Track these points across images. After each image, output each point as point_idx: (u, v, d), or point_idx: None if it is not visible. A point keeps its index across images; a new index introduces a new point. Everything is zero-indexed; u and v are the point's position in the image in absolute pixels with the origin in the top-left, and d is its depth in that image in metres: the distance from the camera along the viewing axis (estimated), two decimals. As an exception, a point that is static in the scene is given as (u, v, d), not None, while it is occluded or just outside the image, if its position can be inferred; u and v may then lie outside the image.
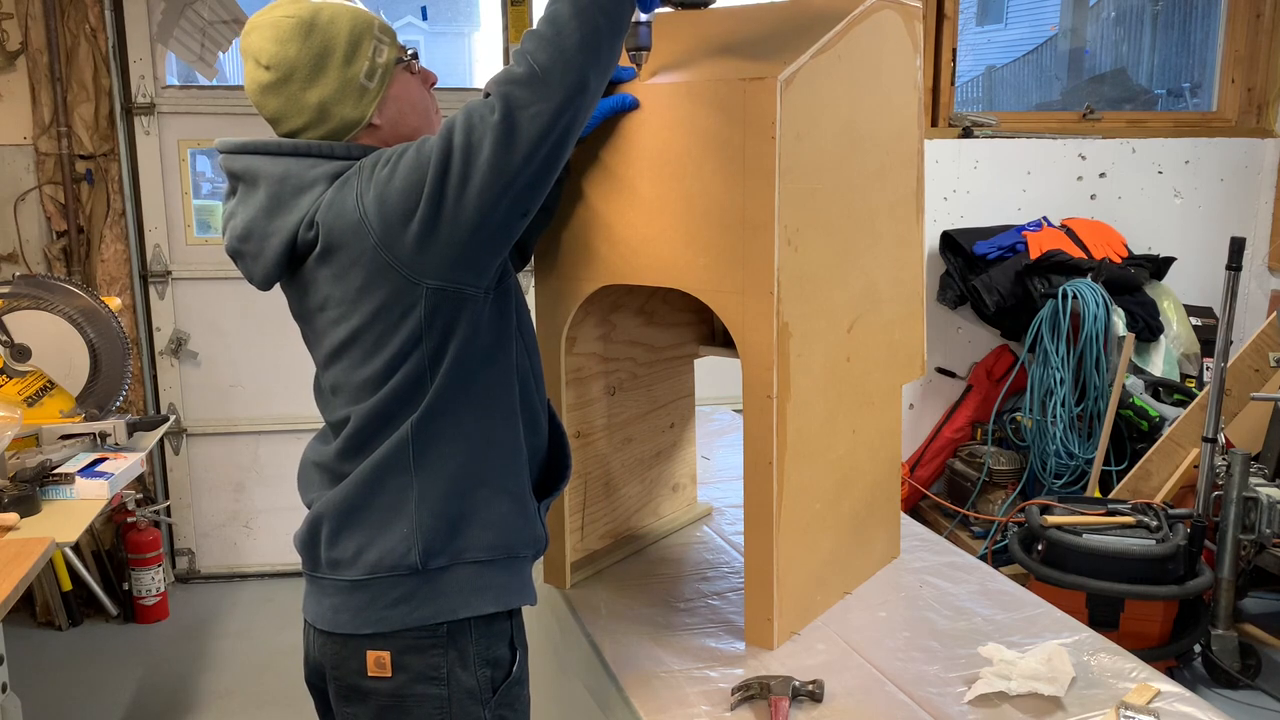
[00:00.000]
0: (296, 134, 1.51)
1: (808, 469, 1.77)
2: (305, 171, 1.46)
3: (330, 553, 1.53)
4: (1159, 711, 1.52)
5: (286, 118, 1.50)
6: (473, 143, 1.37)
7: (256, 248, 1.49)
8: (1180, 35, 5.30)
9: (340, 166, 1.46)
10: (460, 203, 1.38)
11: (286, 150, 1.48)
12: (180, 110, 3.99)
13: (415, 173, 1.39)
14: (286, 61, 1.47)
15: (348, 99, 1.49)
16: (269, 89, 1.48)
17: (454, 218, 1.39)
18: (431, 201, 1.38)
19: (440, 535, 1.49)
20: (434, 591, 1.49)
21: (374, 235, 1.40)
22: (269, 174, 1.47)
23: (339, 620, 1.52)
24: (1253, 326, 4.13)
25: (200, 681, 3.50)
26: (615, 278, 1.80)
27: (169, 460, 4.18)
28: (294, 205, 1.45)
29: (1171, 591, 3.18)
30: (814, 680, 1.58)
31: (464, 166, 1.37)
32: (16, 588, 1.98)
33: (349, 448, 1.51)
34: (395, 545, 1.48)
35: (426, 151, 1.39)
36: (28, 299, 2.87)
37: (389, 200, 1.39)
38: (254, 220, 1.48)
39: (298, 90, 1.48)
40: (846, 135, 1.77)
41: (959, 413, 4.44)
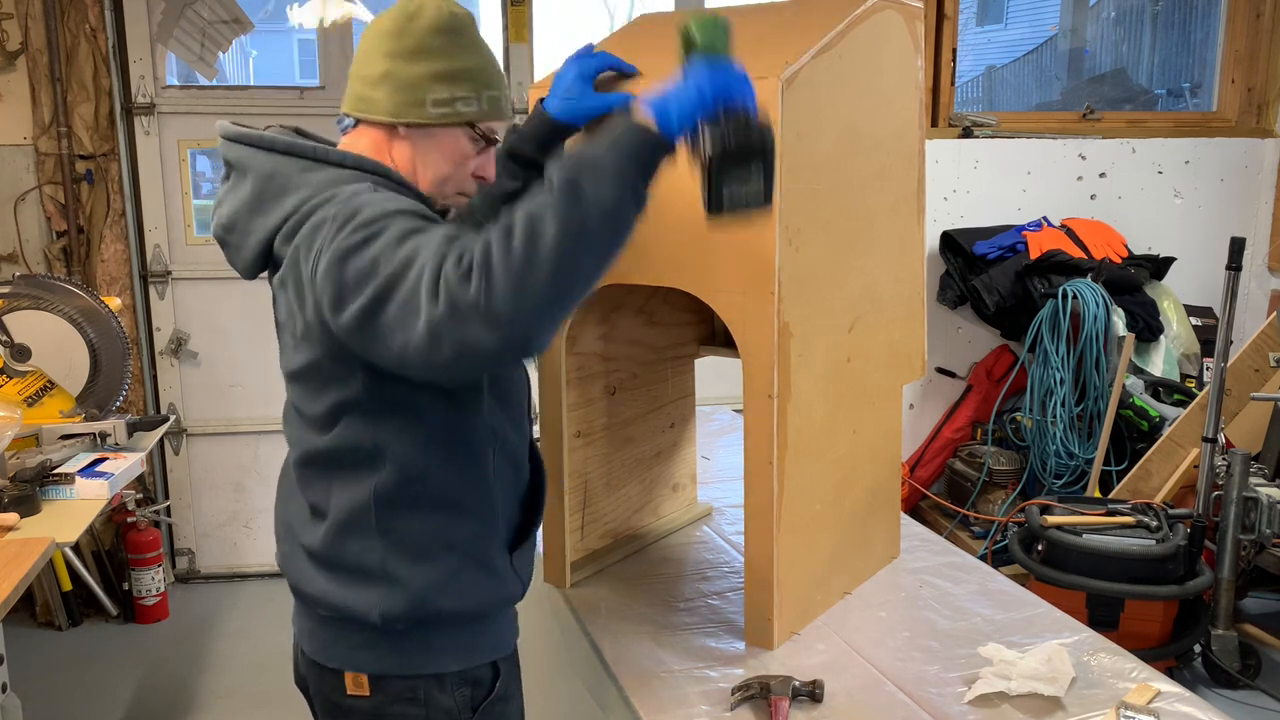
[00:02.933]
0: (351, 78, 1.45)
1: (808, 469, 1.77)
2: (293, 173, 1.39)
3: (300, 585, 1.50)
4: (1159, 711, 1.52)
5: (353, 76, 1.45)
6: (412, 305, 1.17)
7: (238, 240, 1.43)
8: (1180, 35, 5.30)
9: (332, 176, 1.38)
10: (383, 343, 1.22)
11: (279, 147, 1.42)
12: (180, 110, 3.99)
13: (367, 271, 1.22)
14: (412, 24, 1.40)
15: (402, 92, 1.41)
16: (372, 37, 1.43)
17: (378, 348, 1.24)
18: (363, 316, 1.22)
19: (403, 603, 1.42)
20: (397, 648, 1.45)
21: (315, 299, 1.29)
22: (258, 169, 1.42)
23: (313, 646, 1.52)
24: (1253, 326, 4.13)
25: (200, 681, 3.50)
26: (615, 277, 1.80)
27: (169, 460, 4.18)
28: (274, 207, 1.38)
29: (1171, 591, 3.18)
30: (814, 680, 1.58)
31: (397, 319, 1.19)
32: (16, 588, 1.98)
33: (307, 476, 1.48)
34: (356, 603, 1.43)
35: (387, 257, 1.21)
36: (28, 299, 2.87)
37: (335, 279, 1.24)
38: (238, 213, 1.43)
39: (385, 56, 1.41)
40: (847, 135, 1.77)
41: (959, 413, 4.44)
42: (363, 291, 1.22)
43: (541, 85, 1.82)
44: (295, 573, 1.51)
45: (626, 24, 2.08)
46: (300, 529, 1.50)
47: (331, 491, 1.44)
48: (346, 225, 1.26)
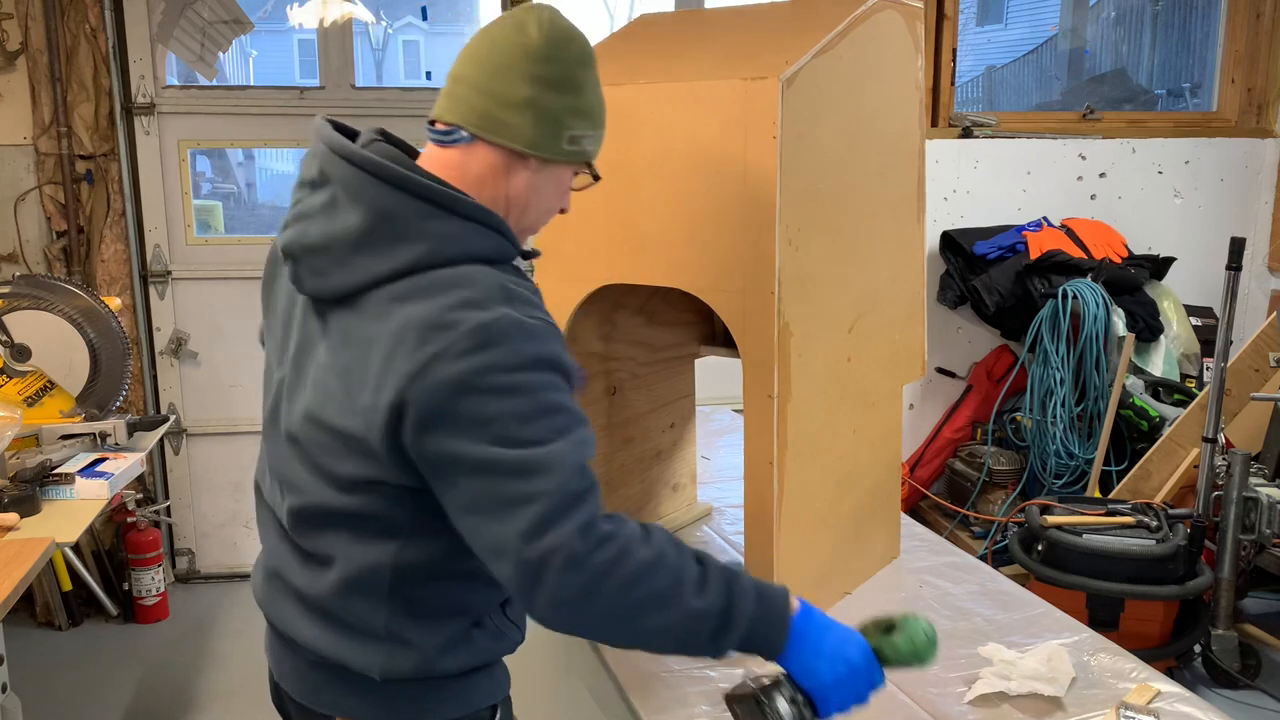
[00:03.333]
0: (463, 82, 1.32)
1: (808, 469, 1.77)
2: (412, 218, 1.26)
3: (288, 629, 1.42)
4: (1159, 711, 1.52)
5: (483, 65, 1.30)
6: (518, 529, 1.19)
7: (326, 267, 1.29)
8: (1180, 35, 5.30)
9: (454, 229, 1.27)
10: (470, 522, 1.23)
11: (401, 184, 1.26)
12: (180, 110, 3.98)
13: (485, 473, 1.20)
14: (556, 51, 1.30)
15: (545, 125, 1.31)
16: (514, 53, 1.29)
17: (456, 513, 1.25)
18: (470, 501, 1.22)
19: (408, 664, 1.36)
20: (395, 700, 1.39)
21: (390, 421, 1.22)
22: (371, 203, 1.27)
23: (300, 689, 1.45)
24: (1253, 326, 4.13)
25: (200, 681, 3.50)
26: (616, 277, 1.80)
27: (169, 460, 4.18)
28: (386, 251, 1.26)
29: (1171, 591, 3.17)
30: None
31: (494, 522, 1.20)
32: (16, 588, 1.98)
33: (309, 526, 1.37)
34: (355, 659, 1.36)
35: (503, 464, 1.19)
36: (28, 299, 2.87)
37: (446, 445, 1.20)
38: (335, 242, 1.28)
39: (531, 81, 1.29)
40: (848, 135, 1.77)
41: (959, 413, 4.44)
42: (478, 488, 1.21)
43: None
44: (282, 616, 1.43)
45: (626, 24, 2.08)
46: (290, 571, 1.41)
47: (340, 546, 1.35)
48: (480, 382, 1.20)
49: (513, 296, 1.27)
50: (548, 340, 1.26)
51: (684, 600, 1.23)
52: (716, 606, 1.25)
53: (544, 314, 1.30)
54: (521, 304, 1.27)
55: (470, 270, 1.27)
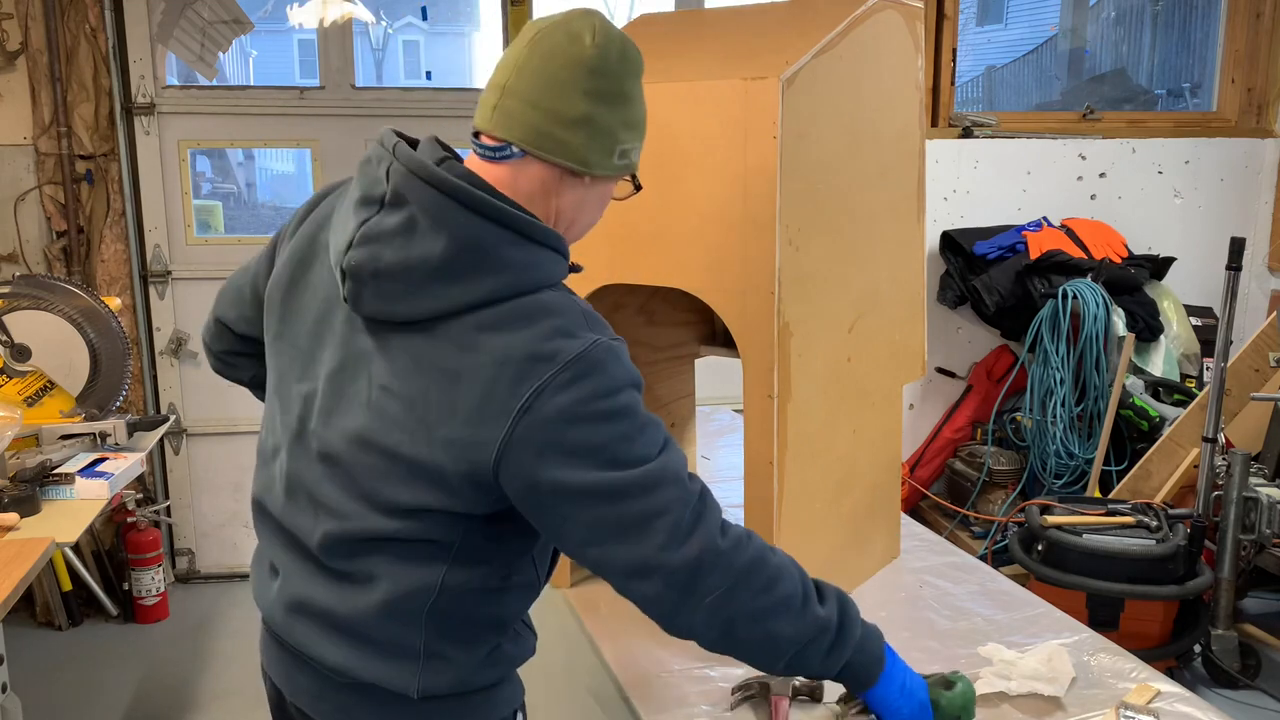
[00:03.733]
0: (513, 96, 1.25)
1: (808, 469, 1.77)
2: (495, 247, 1.22)
3: (309, 649, 1.37)
4: (1159, 711, 1.52)
5: (535, 78, 1.24)
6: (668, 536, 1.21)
7: (399, 293, 1.23)
8: (1180, 35, 5.30)
9: (532, 257, 1.24)
10: (593, 554, 1.24)
11: (486, 210, 1.22)
12: (180, 110, 3.99)
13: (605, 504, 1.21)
14: (612, 66, 1.26)
15: (599, 140, 1.27)
16: (569, 67, 1.23)
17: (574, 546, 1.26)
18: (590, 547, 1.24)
19: (446, 681, 1.34)
20: (428, 714, 1.37)
21: (491, 457, 1.20)
22: (454, 230, 1.21)
23: (320, 709, 1.40)
24: (1253, 326, 4.14)
25: (200, 681, 3.50)
26: (616, 277, 1.80)
27: (169, 460, 4.18)
28: (470, 280, 1.21)
29: (1171, 591, 3.18)
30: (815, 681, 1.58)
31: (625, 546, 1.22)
32: (16, 588, 1.97)
33: (344, 549, 1.31)
34: (389, 678, 1.33)
35: (622, 486, 1.20)
36: (28, 299, 2.87)
37: (561, 489, 1.20)
38: (413, 269, 1.22)
39: (586, 96, 1.25)
40: (848, 135, 1.77)
41: (959, 413, 4.44)
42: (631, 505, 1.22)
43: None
44: (304, 638, 1.37)
45: (626, 24, 2.08)
46: (317, 593, 1.35)
47: (384, 568, 1.30)
48: (580, 419, 1.20)
49: (591, 320, 1.27)
50: (627, 360, 1.27)
51: (810, 609, 1.30)
52: (835, 620, 1.32)
53: (612, 331, 1.30)
54: (600, 326, 1.28)
55: (551, 297, 1.26)
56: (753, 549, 1.27)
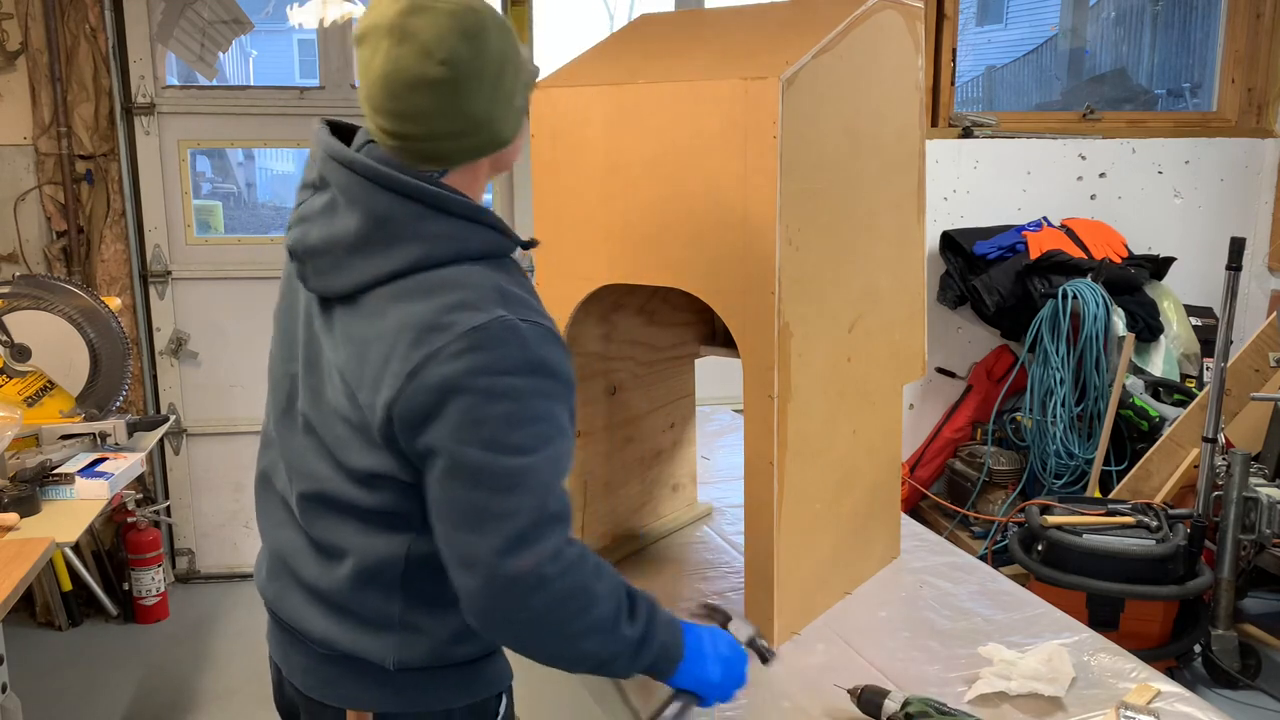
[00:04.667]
0: (422, 139, 1.27)
1: (808, 469, 1.77)
2: (408, 220, 1.27)
3: (299, 623, 1.43)
4: (1159, 711, 1.52)
5: (426, 120, 1.26)
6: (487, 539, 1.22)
7: (328, 268, 1.32)
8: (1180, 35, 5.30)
9: (448, 229, 1.28)
10: (447, 521, 1.26)
11: (394, 186, 1.27)
12: (180, 110, 3.98)
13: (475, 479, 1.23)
14: (467, 62, 1.23)
15: (506, 117, 1.30)
16: (432, 87, 1.23)
17: (434, 507, 1.29)
18: (458, 503, 1.25)
19: (421, 652, 1.38)
20: (407, 688, 1.41)
21: (386, 420, 1.26)
22: (367, 207, 1.28)
23: (310, 682, 1.45)
24: (1253, 326, 4.13)
25: (200, 681, 3.50)
26: (616, 277, 1.80)
27: (169, 460, 4.18)
28: (382, 253, 1.28)
29: (1171, 591, 3.17)
30: (768, 645, 1.60)
31: (470, 532, 1.23)
32: (16, 588, 1.98)
33: (320, 514, 1.38)
34: (369, 649, 1.38)
35: (489, 471, 1.22)
36: (28, 299, 2.87)
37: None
38: (336, 244, 1.30)
39: (466, 98, 1.25)
40: (848, 135, 1.77)
41: (959, 413, 4.44)
42: (472, 492, 1.23)
43: (542, 85, 1.82)
44: (291, 610, 1.43)
45: (627, 24, 2.08)
46: (301, 564, 1.42)
47: (353, 539, 1.35)
48: (478, 387, 1.23)
49: (509, 298, 1.28)
50: (542, 344, 1.27)
51: (619, 629, 1.30)
52: (639, 634, 1.33)
53: (541, 316, 1.31)
54: (518, 305, 1.28)
55: (466, 270, 1.29)
56: (580, 575, 1.27)
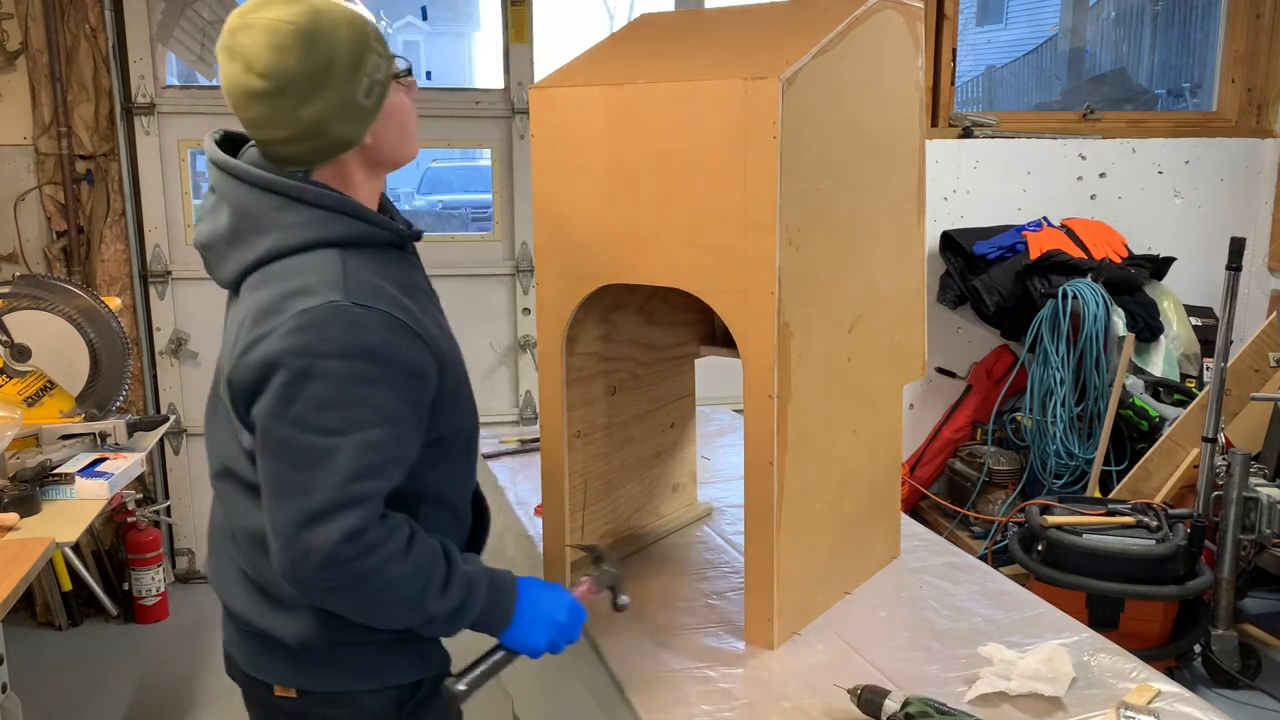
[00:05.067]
0: (273, 144, 1.39)
1: (808, 469, 1.77)
2: (266, 211, 1.38)
3: (226, 599, 1.53)
4: (1159, 711, 1.52)
5: (268, 127, 1.38)
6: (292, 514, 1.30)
7: (215, 261, 1.46)
8: (1180, 35, 5.30)
9: (305, 218, 1.38)
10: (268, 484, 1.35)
11: (255, 181, 1.39)
12: (180, 110, 3.98)
13: (284, 446, 1.31)
14: (285, 73, 1.33)
15: (345, 119, 1.38)
16: (257, 98, 1.35)
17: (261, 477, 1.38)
18: (272, 475, 1.34)
19: (315, 630, 1.44)
20: (316, 667, 1.48)
21: (230, 397, 1.39)
22: (234, 202, 1.41)
23: (241, 656, 1.55)
24: (1253, 326, 4.13)
25: (200, 681, 3.50)
26: (616, 277, 1.80)
27: (169, 460, 4.18)
28: (249, 243, 1.39)
29: (1171, 591, 3.18)
30: (624, 597, 1.70)
31: (277, 502, 1.32)
32: (16, 588, 1.98)
33: (225, 490, 1.50)
34: (275, 626, 1.46)
35: (292, 446, 1.30)
36: (28, 299, 2.87)
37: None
38: (215, 239, 1.44)
39: (290, 105, 1.34)
40: (848, 135, 1.77)
41: (959, 413, 4.44)
42: (281, 462, 1.32)
43: (542, 85, 1.82)
44: (223, 586, 1.53)
45: (627, 24, 2.08)
46: (224, 542, 1.53)
47: (252, 514, 1.42)
48: (296, 368, 1.30)
49: (354, 285, 1.33)
50: (377, 331, 1.32)
51: (425, 604, 1.38)
52: (452, 606, 1.41)
53: (391, 305, 1.35)
54: (363, 292, 1.33)
55: (314, 257, 1.36)
56: (378, 559, 1.31)
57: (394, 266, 1.43)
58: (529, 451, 2.75)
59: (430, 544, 1.40)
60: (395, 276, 1.41)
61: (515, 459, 2.75)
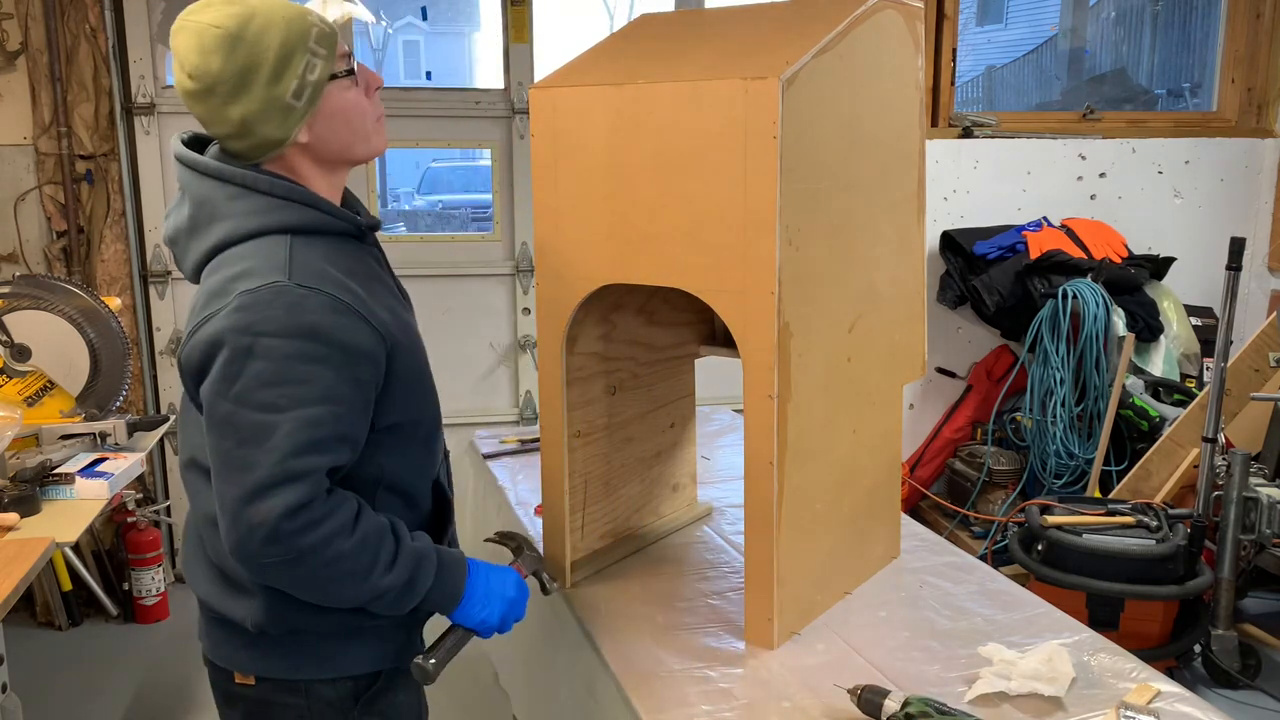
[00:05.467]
0: (220, 139, 1.47)
1: (808, 469, 1.77)
2: (221, 201, 1.44)
3: (192, 583, 1.57)
4: (1159, 711, 1.52)
5: (210, 124, 1.46)
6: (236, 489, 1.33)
7: (180, 254, 1.51)
8: (1180, 35, 5.30)
9: (256, 204, 1.43)
10: (216, 466, 1.38)
11: (210, 172, 1.45)
12: (180, 110, 3.98)
13: (226, 425, 1.35)
14: (209, 74, 1.40)
15: (271, 118, 1.42)
16: (191, 96, 1.43)
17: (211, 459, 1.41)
18: (219, 454, 1.37)
19: (268, 614, 1.47)
20: (273, 653, 1.51)
21: (182, 378, 1.45)
22: (193, 193, 1.47)
23: (205, 643, 1.60)
24: (1253, 326, 4.13)
25: (200, 681, 3.47)
26: (616, 277, 1.80)
27: (169, 460, 4.18)
28: (206, 232, 1.45)
29: (1171, 591, 3.18)
30: (553, 581, 1.80)
31: (225, 478, 1.35)
32: (16, 588, 1.98)
33: (189, 477, 1.53)
34: (233, 610, 1.50)
35: (234, 423, 1.34)
36: (28, 299, 2.87)
37: (206, 394, 1.37)
38: (178, 231, 1.49)
39: (219, 104, 1.41)
40: (848, 135, 1.77)
41: (959, 413, 4.44)
42: (227, 439, 1.35)
43: (542, 85, 1.83)
44: (190, 573, 1.58)
45: (627, 24, 2.08)
46: (191, 529, 1.57)
47: (206, 498, 1.45)
48: (239, 345, 1.34)
49: (300, 268, 1.37)
50: (319, 311, 1.35)
51: (372, 579, 1.40)
52: (401, 581, 1.43)
53: (336, 288, 1.38)
54: (308, 275, 1.37)
55: (263, 242, 1.40)
56: (323, 533, 1.34)
57: (347, 255, 1.47)
58: (529, 451, 2.76)
59: (377, 520, 1.43)
60: (346, 264, 1.45)
61: (515, 459, 2.75)
